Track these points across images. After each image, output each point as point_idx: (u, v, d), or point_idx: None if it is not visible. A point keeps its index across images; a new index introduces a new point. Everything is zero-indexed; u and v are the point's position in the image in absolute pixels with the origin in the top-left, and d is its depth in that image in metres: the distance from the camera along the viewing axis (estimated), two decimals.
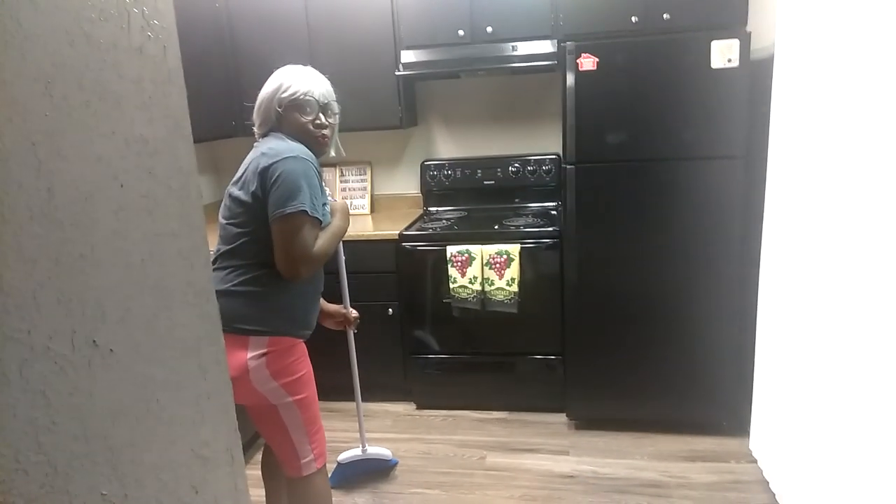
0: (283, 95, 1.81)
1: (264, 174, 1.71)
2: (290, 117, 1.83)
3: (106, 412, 0.67)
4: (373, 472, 2.77)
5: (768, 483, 2.49)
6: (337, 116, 1.94)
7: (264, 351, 1.77)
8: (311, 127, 1.85)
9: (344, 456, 2.73)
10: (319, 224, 1.77)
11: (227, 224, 1.80)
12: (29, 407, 0.58)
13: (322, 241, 1.78)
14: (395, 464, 2.82)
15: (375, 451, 2.77)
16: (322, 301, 2.18)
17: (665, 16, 2.88)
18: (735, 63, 2.55)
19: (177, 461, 0.77)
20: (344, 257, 2.38)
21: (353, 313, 2.35)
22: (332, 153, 2.02)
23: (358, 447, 2.74)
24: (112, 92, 0.68)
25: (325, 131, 1.88)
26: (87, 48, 0.65)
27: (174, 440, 0.77)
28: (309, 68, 1.90)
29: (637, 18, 2.92)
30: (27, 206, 0.58)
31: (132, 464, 0.70)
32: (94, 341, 0.65)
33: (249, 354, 1.76)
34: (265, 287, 1.78)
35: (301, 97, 1.81)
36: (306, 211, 1.70)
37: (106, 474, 0.67)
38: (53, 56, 0.61)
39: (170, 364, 0.77)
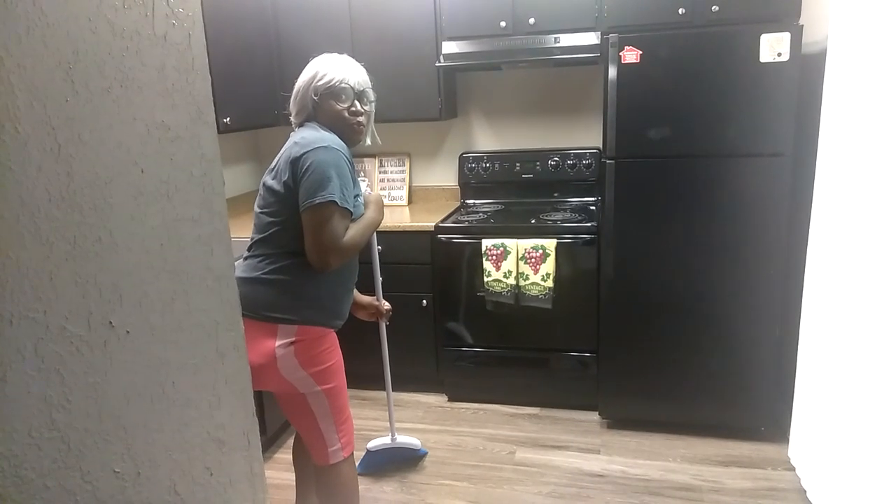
0: (319, 83, 1.82)
1: (295, 164, 1.73)
2: (325, 105, 1.84)
3: (120, 392, 0.68)
4: (401, 460, 2.79)
5: (806, 492, 2.41)
6: (373, 104, 1.94)
7: (292, 340, 1.79)
8: (346, 114, 1.84)
9: (373, 443, 2.75)
10: (350, 215, 1.77)
11: (260, 213, 1.83)
12: (43, 384, 0.60)
13: (353, 231, 1.78)
14: (425, 454, 2.83)
15: (404, 440, 2.78)
16: (355, 292, 2.18)
17: (714, 8, 2.80)
18: (785, 57, 2.46)
19: (191, 443, 0.79)
20: (378, 249, 2.38)
21: (386, 306, 2.34)
22: (368, 142, 2.02)
23: (387, 435, 2.76)
24: (134, 79, 0.69)
25: (361, 119, 1.88)
26: (109, 35, 0.66)
27: (188, 422, 0.78)
28: (345, 56, 1.90)
29: (684, 10, 2.83)
30: (46, 190, 0.59)
31: (146, 444, 0.72)
32: (110, 322, 0.67)
33: (278, 343, 1.78)
34: (295, 276, 1.79)
35: (337, 84, 1.81)
36: (335, 201, 1.70)
37: (119, 453, 0.68)
38: (75, 43, 0.62)
39: (187, 347, 0.78)
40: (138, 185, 0.70)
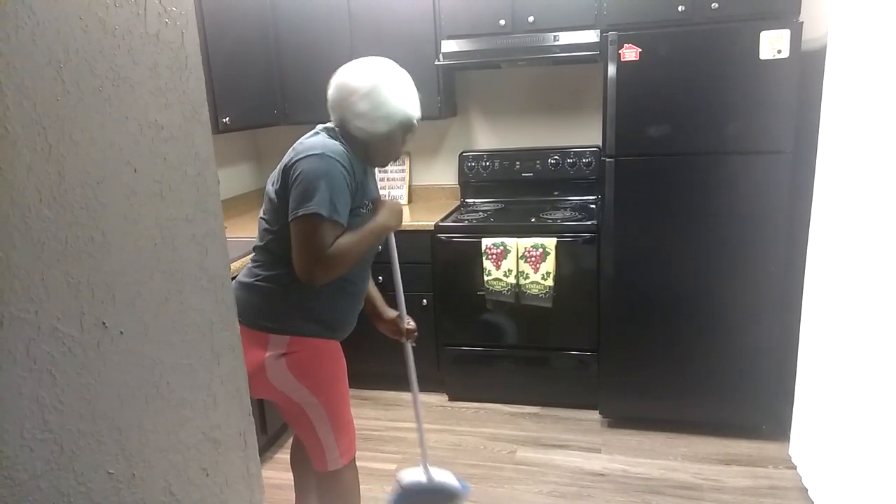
0: (398, 118, 1.75)
1: (287, 172, 1.65)
2: (382, 136, 1.76)
3: (114, 393, 0.68)
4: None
5: (807, 490, 2.41)
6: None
7: (284, 351, 1.73)
8: (399, 149, 1.84)
9: (407, 479, 2.29)
10: (342, 228, 1.64)
11: (261, 218, 1.78)
12: (35, 385, 0.59)
13: (347, 239, 1.65)
14: (468, 492, 2.34)
15: (441, 475, 2.30)
16: (380, 303, 2.12)
17: (714, 5, 2.79)
18: (785, 54, 2.45)
19: (186, 443, 0.79)
20: (398, 262, 2.14)
21: (410, 325, 2.15)
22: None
23: (417, 467, 2.31)
24: (126, 77, 0.69)
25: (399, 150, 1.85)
26: (100, 34, 0.66)
27: (184, 423, 0.78)
28: (405, 77, 1.80)
29: (684, 7, 2.82)
30: (36, 189, 0.59)
31: (140, 444, 0.71)
32: (103, 323, 0.66)
33: (268, 353, 1.72)
34: (286, 286, 1.72)
35: (408, 123, 1.78)
36: (321, 213, 1.58)
37: (113, 454, 0.68)
38: (66, 42, 0.62)
39: (181, 348, 0.78)
40: (131, 184, 0.70)
